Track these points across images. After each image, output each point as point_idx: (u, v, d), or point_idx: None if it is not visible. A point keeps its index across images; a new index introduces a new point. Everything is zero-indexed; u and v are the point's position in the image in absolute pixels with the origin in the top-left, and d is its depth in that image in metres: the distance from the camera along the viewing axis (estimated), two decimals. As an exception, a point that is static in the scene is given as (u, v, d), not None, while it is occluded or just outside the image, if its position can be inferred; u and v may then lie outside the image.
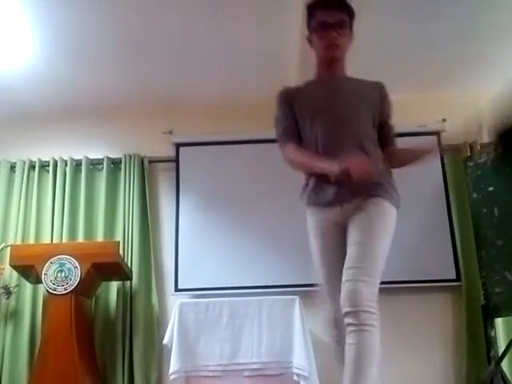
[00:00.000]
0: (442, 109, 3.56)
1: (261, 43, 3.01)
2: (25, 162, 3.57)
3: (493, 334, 2.89)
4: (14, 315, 3.19)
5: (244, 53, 3.13)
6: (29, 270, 2.97)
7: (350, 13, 1.68)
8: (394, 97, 1.79)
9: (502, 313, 2.89)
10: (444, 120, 3.55)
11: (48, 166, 3.57)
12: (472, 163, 3.24)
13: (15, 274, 3.19)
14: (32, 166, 3.57)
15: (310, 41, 1.74)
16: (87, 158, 3.59)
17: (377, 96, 1.72)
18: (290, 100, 1.71)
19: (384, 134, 1.74)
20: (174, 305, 3.15)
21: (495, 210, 2.99)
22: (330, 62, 1.70)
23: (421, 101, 3.54)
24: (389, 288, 3.21)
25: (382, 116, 1.73)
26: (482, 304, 2.97)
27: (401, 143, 1.84)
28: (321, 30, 1.64)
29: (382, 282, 3.44)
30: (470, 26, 2.95)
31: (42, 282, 2.86)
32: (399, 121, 1.85)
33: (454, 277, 3.28)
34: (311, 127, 1.66)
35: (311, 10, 1.70)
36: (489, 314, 2.90)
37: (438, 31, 3.00)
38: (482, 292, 3.00)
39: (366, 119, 1.67)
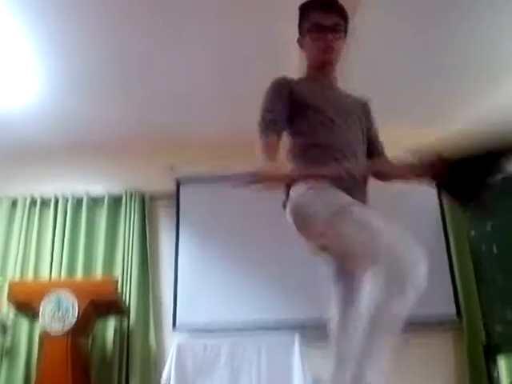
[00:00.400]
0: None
1: (263, 82, 3.09)
2: (26, 198, 3.60)
3: (496, 374, 2.84)
4: (9, 352, 3.13)
5: (246, 91, 3.21)
6: (26, 307, 2.94)
7: (344, 16, 1.62)
8: (389, 132, 1.82)
9: (503, 352, 2.85)
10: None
11: (49, 202, 3.60)
12: (469, 200, 3.28)
13: (12, 310, 3.16)
14: (33, 202, 3.60)
15: (301, 43, 1.68)
16: (88, 194, 3.63)
17: (361, 111, 1.68)
18: (286, 91, 1.60)
19: (372, 150, 1.69)
20: (172, 342, 3.12)
21: (494, 247, 3.00)
22: (323, 65, 1.64)
23: (415, 139, 3.60)
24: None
25: (369, 132, 1.69)
26: (483, 344, 2.93)
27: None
28: (316, 32, 1.59)
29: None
30: (466, 64, 3.05)
31: (38, 320, 2.83)
32: (394, 156, 1.87)
33: (455, 315, 3.25)
34: (310, 126, 1.58)
35: (305, 12, 1.64)
36: (491, 353, 2.86)
37: (437, 68, 3.10)
38: (483, 331, 2.97)
39: (357, 133, 1.63)
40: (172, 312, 3.33)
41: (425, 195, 3.52)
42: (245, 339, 2.99)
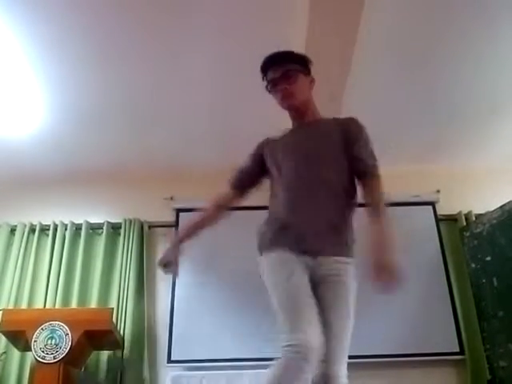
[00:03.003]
0: (436, 180, 3.68)
1: (261, 113, 3.16)
2: (25, 225, 3.59)
3: (501, 411, 2.76)
4: (-1, 382, 3.05)
5: (246, 123, 3.28)
6: (19, 336, 2.87)
7: (297, 61, 1.74)
8: (390, 168, 1.85)
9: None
10: (438, 191, 3.66)
11: (48, 229, 3.59)
12: (468, 233, 3.29)
13: (3, 340, 3.08)
14: (32, 230, 3.59)
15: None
16: (87, 222, 3.62)
17: (338, 132, 1.69)
18: (261, 148, 1.80)
19: (357, 170, 1.66)
20: (166, 377, 3.02)
21: (494, 280, 2.98)
22: (293, 109, 1.75)
23: (415, 172, 3.67)
24: (391, 362, 3.14)
25: (351, 150, 1.65)
26: (487, 379, 2.85)
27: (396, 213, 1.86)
28: (272, 87, 1.73)
29: (385, 356, 3.31)
30: (463, 101, 3.14)
31: (30, 350, 2.76)
32: (394, 191, 1.89)
33: (458, 350, 3.18)
34: (281, 171, 1.68)
35: (263, 73, 1.76)
36: (495, 389, 2.78)
37: (433, 106, 3.19)
38: (487, 366, 2.90)
39: (330, 160, 1.65)
40: (167, 346, 3.25)
41: (424, 231, 3.54)
42: (242, 372, 2.90)
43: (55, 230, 3.58)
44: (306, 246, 1.53)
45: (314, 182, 1.61)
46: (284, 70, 1.70)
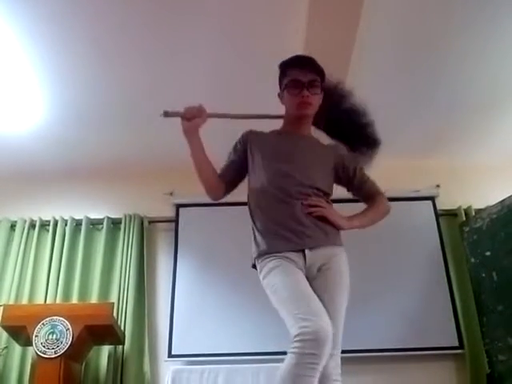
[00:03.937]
0: (435, 175, 3.68)
1: (261, 106, 3.16)
2: (25, 221, 3.60)
3: (500, 405, 2.77)
4: (0, 377, 3.05)
5: (242, 121, 3.27)
6: (20, 332, 2.88)
7: (321, 74, 1.74)
8: (390, 162, 1.85)
9: (507, 381, 2.79)
10: (438, 186, 3.66)
11: (48, 225, 3.59)
12: (468, 228, 3.30)
13: (4, 335, 3.09)
14: (32, 225, 3.59)
15: (281, 97, 1.79)
16: (88, 217, 3.62)
17: (331, 158, 1.76)
18: (245, 141, 1.80)
19: (363, 192, 1.79)
20: (167, 372, 3.04)
21: (494, 274, 2.99)
22: (300, 119, 1.75)
23: (415, 167, 3.67)
24: (391, 356, 3.16)
25: (348, 174, 1.77)
26: (487, 373, 2.87)
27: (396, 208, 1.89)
28: (293, 88, 1.69)
29: (384, 350, 3.34)
30: (464, 96, 3.13)
31: (31, 345, 2.77)
32: (394, 186, 1.90)
33: (457, 344, 3.19)
34: (263, 171, 1.70)
35: (285, 69, 1.76)
36: (494, 383, 2.79)
37: (434, 101, 3.18)
38: (486, 360, 2.91)
39: (324, 175, 1.72)
40: (168, 341, 3.27)
41: (424, 226, 3.55)
42: (243, 366, 2.92)
43: (55, 225, 3.58)
44: (302, 244, 1.58)
45: (306, 188, 1.65)
46: (313, 78, 1.70)
